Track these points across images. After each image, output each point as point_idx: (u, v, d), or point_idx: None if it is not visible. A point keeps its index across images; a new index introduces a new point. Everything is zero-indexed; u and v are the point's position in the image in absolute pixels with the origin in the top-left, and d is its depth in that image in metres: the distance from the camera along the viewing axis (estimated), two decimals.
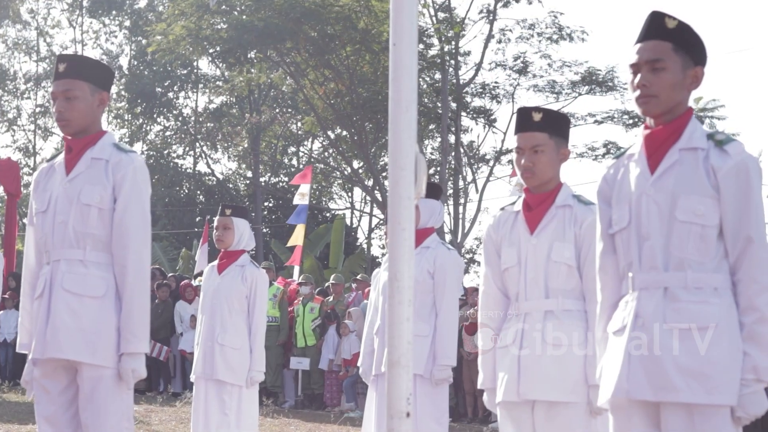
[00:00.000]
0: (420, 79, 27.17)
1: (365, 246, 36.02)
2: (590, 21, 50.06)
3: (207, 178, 39.12)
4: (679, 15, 3.28)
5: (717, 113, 33.89)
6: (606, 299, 3.44)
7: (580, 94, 28.50)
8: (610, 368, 3.30)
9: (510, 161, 27.57)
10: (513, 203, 4.37)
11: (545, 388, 4.10)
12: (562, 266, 4.16)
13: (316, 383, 14.66)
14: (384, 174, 29.19)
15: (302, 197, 18.27)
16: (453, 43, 27.83)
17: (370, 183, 30.44)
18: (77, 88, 4.26)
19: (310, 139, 37.04)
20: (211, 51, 29.22)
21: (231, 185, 39.07)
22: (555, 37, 27.79)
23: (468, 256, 32.82)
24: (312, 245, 27.20)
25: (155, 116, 38.43)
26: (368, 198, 35.49)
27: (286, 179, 36.72)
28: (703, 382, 3.12)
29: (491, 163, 29.85)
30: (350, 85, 27.37)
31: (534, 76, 28.68)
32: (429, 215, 5.95)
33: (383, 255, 28.60)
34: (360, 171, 31.14)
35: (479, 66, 28.37)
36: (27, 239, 4.50)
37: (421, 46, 27.16)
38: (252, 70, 30.13)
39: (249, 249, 6.93)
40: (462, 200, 29.29)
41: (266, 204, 37.63)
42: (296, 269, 18.17)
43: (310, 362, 14.49)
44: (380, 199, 29.26)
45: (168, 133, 39.28)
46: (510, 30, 28.20)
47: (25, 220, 4.78)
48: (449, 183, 28.23)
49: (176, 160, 39.46)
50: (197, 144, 38.87)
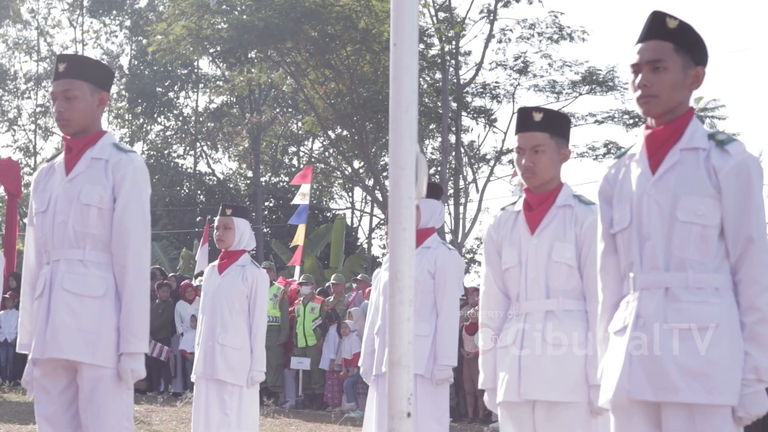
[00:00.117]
0: (420, 79, 27.15)
1: (366, 246, 36.01)
2: (591, 21, 50.11)
3: (207, 178, 39.11)
4: (680, 15, 3.28)
5: (717, 113, 33.90)
6: (607, 299, 3.44)
7: (581, 94, 28.49)
8: (611, 368, 3.30)
9: (510, 161, 27.60)
10: (514, 203, 4.37)
11: (545, 388, 4.10)
12: (563, 266, 4.16)
13: (317, 383, 14.65)
14: (384, 174, 29.16)
15: (303, 197, 18.25)
16: (453, 43, 27.82)
17: (371, 183, 30.43)
18: (77, 88, 4.26)
19: (311, 139, 37.04)
20: (212, 51, 29.21)
21: (231, 185, 39.06)
22: (555, 37, 27.79)
23: (468, 256, 32.82)
24: (312, 245, 27.19)
25: (156, 116, 38.42)
26: (369, 198, 35.50)
27: (287, 179, 36.71)
28: (704, 382, 3.12)
29: (492, 163, 29.86)
30: (351, 85, 27.36)
31: (534, 76, 28.69)
32: (430, 215, 5.94)
33: (384, 255, 28.59)
34: (360, 171, 31.13)
35: (480, 66, 28.38)
36: (27, 239, 4.50)
37: (422, 46, 27.15)
38: (252, 70, 30.12)
39: (249, 249, 6.92)
40: (462, 200, 29.30)
41: (267, 204, 37.64)
42: (297, 269, 18.16)
43: (311, 362, 14.48)
44: (381, 199, 29.25)
45: (168, 133, 39.28)
46: (510, 30, 28.23)
47: (26, 220, 4.77)
48: (450, 183, 28.22)
49: (177, 160, 39.47)
50: (198, 144, 38.87)
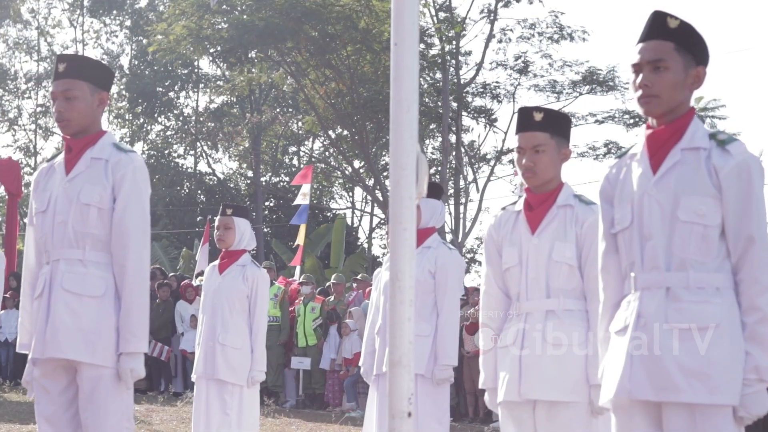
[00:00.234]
0: (421, 79, 27.13)
1: (366, 246, 36.02)
2: (591, 21, 50.06)
3: (208, 178, 39.11)
4: (681, 15, 3.27)
5: (718, 113, 33.88)
6: (608, 299, 3.43)
7: (581, 94, 28.49)
8: (612, 368, 3.30)
9: (511, 161, 27.59)
10: (514, 203, 4.37)
11: (546, 388, 4.10)
12: (563, 266, 4.15)
13: (317, 383, 14.65)
14: (385, 174, 29.16)
15: (304, 197, 18.26)
16: (454, 43, 27.81)
17: (371, 183, 30.42)
18: (77, 88, 4.26)
19: (311, 139, 37.03)
20: (212, 51, 29.21)
21: (232, 185, 39.06)
22: (556, 37, 27.78)
23: (469, 256, 32.81)
24: (313, 245, 27.21)
25: (156, 116, 38.42)
26: (369, 198, 35.48)
27: (287, 179, 36.71)
28: (705, 382, 3.12)
29: (492, 163, 29.85)
30: (351, 85, 27.35)
31: (535, 76, 28.68)
32: (430, 215, 5.94)
33: (384, 255, 28.58)
34: (361, 171, 31.12)
35: (480, 66, 28.37)
36: (27, 239, 4.49)
37: (422, 46, 27.13)
38: (253, 70, 30.11)
39: (250, 249, 6.92)
40: (463, 200, 29.29)
41: (267, 204, 37.64)
42: (297, 269, 18.17)
43: (311, 362, 14.48)
44: (381, 199, 29.25)
45: (169, 133, 39.27)
46: (511, 30, 28.22)
47: (26, 220, 4.76)
48: (450, 183, 28.22)
49: (177, 160, 39.47)
50: (198, 144, 38.86)
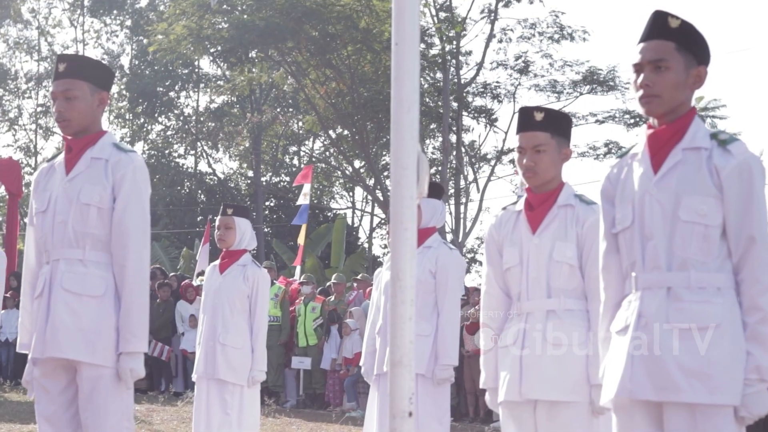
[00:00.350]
0: (421, 79, 27.12)
1: (366, 245, 36.02)
2: (591, 20, 50.04)
3: (208, 178, 39.11)
4: (681, 14, 3.27)
5: (718, 113, 33.82)
6: (609, 298, 3.43)
7: (582, 94, 28.49)
8: (613, 368, 3.29)
9: (511, 161, 27.58)
10: (515, 203, 4.37)
11: (546, 388, 4.10)
12: (564, 266, 4.15)
13: (318, 383, 14.64)
14: (385, 173, 29.16)
15: (305, 197, 18.28)
16: (454, 43, 27.82)
17: (372, 182, 30.43)
18: (77, 88, 4.26)
19: (312, 139, 37.03)
20: (213, 50, 29.21)
21: (232, 185, 39.07)
22: (556, 37, 27.79)
23: (469, 256, 32.81)
24: (313, 245, 27.21)
25: (156, 116, 38.42)
26: (369, 197, 35.48)
27: (288, 179, 36.73)
28: (706, 382, 3.11)
29: (492, 163, 29.86)
30: (351, 85, 27.35)
31: (535, 76, 28.69)
32: (431, 215, 5.94)
33: (384, 254, 28.59)
34: (361, 170, 31.12)
35: (480, 65, 28.38)
36: (27, 239, 4.49)
37: (423, 46, 27.13)
38: (253, 70, 30.11)
39: (251, 248, 6.92)
40: (463, 200, 29.29)
41: (267, 203, 37.64)
42: (297, 269, 18.18)
43: (312, 362, 14.48)
44: (381, 199, 29.25)
45: (169, 133, 39.28)
46: (511, 29, 28.22)
47: (26, 220, 4.76)
48: (450, 182, 28.22)
49: (177, 160, 39.47)
50: (198, 143, 38.86)
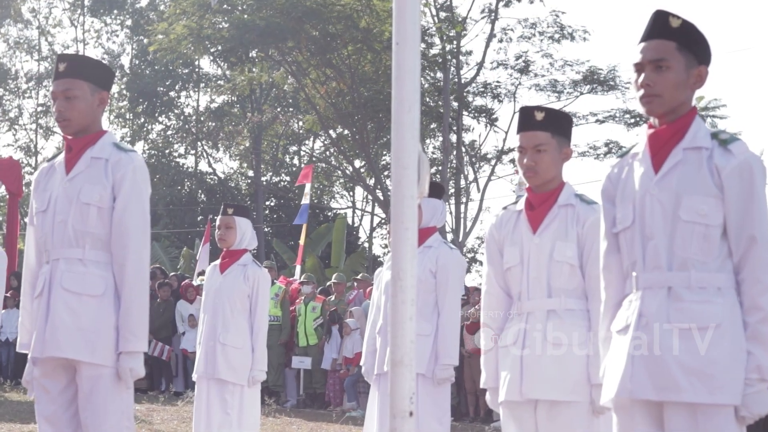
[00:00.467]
0: (422, 79, 27.11)
1: (366, 245, 36.02)
2: (592, 20, 50.03)
3: (208, 178, 39.11)
4: (682, 14, 3.26)
5: (719, 113, 33.81)
6: (610, 298, 3.43)
7: (582, 94, 28.48)
8: (614, 368, 3.29)
9: (512, 160, 27.58)
10: (515, 202, 4.37)
11: (547, 388, 4.10)
12: (565, 265, 4.15)
13: (318, 382, 14.64)
14: (385, 173, 29.16)
15: (305, 197, 18.30)
16: (455, 43, 27.81)
17: (372, 182, 30.43)
18: (77, 88, 4.26)
19: (312, 138, 37.03)
20: (213, 50, 29.21)
21: (232, 184, 39.06)
22: (557, 37, 27.78)
23: (470, 256, 32.80)
24: (314, 244, 27.22)
25: (157, 115, 38.42)
26: (369, 197, 35.48)
27: (288, 178, 36.73)
28: (707, 382, 3.11)
29: (493, 163, 29.85)
30: (352, 85, 27.35)
31: (536, 76, 28.67)
32: (431, 214, 5.94)
33: (385, 254, 28.58)
34: (361, 170, 31.12)
35: (481, 65, 28.37)
36: (27, 239, 4.49)
37: (423, 46, 27.12)
38: (253, 69, 30.10)
39: (251, 248, 6.92)
40: (464, 199, 29.28)
41: (268, 203, 37.64)
42: (298, 268, 18.19)
43: (312, 361, 14.48)
44: (381, 198, 29.25)
45: (169, 133, 39.28)
46: (511, 29, 28.21)
47: (27, 220, 4.76)
48: (451, 182, 28.21)
49: (178, 160, 39.48)
50: (199, 143, 38.86)
